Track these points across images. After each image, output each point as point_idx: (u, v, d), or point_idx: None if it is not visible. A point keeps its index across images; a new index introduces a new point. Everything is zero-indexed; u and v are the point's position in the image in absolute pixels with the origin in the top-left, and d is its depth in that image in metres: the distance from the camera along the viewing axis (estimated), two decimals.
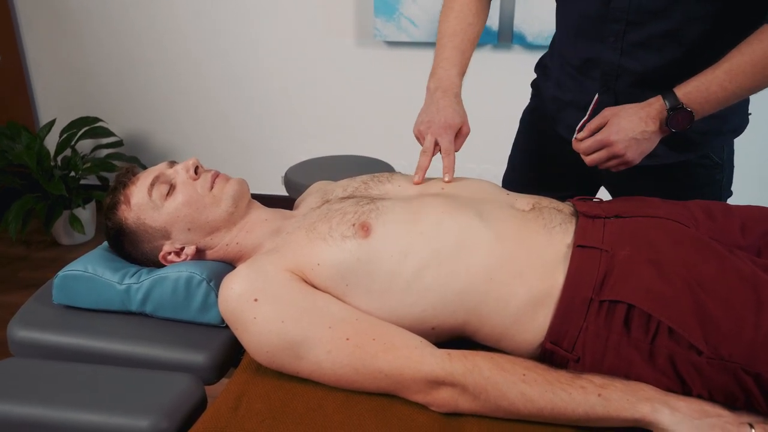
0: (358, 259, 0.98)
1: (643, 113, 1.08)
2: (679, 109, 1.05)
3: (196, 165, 1.14)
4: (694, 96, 1.05)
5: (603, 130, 1.10)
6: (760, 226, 1.05)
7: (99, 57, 2.97)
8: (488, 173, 2.72)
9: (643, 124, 1.07)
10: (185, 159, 1.14)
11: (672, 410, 0.85)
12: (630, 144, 1.08)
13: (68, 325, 1.13)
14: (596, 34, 1.18)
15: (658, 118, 1.07)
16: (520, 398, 0.87)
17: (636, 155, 1.09)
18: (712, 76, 1.04)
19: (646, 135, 1.08)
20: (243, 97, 2.94)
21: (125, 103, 3.04)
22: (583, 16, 1.20)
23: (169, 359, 1.07)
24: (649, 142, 1.09)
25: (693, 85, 1.05)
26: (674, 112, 1.05)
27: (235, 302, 0.96)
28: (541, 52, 1.43)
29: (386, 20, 2.62)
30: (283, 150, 3.00)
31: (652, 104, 1.08)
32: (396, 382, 0.92)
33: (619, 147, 1.08)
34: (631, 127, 1.07)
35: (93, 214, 2.97)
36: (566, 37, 1.28)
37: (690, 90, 1.05)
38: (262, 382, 0.98)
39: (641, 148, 1.09)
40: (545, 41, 2.47)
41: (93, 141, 3.05)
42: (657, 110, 1.07)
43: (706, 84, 1.04)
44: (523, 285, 0.95)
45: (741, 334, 0.84)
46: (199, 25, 2.83)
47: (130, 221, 1.11)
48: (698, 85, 1.05)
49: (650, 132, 1.07)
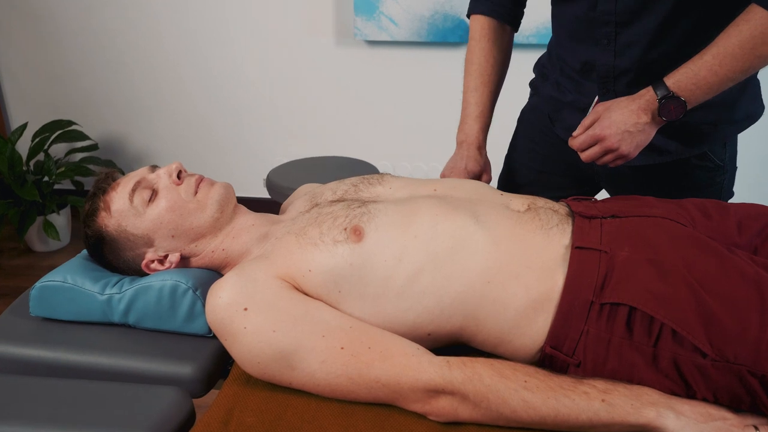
0: (350, 264, 0.95)
1: (634, 105, 1.07)
2: (670, 98, 1.04)
3: (180, 169, 1.09)
4: (684, 83, 1.03)
5: (595, 125, 1.09)
6: (756, 224, 1.04)
7: (71, 58, 2.89)
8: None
9: (634, 116, 1.06)
10: (163, 162, 1.11)
11: (677, 414, 0.83)
12: (623, 137, 1.07)
13: (47, 339, 1.08)
14: (589, 38, 1.18)
15: (650, 108, 1.06)
16: (522, 406, 0.85)
17: (631, 148, 1.08)
18: (701, 62, 1.03)
19: (639, 127, 1.07)
20: (221, 98, 2.89)
21: (100, 105, 2.97)
22: (575, 20, 1.20)
23: (155, 372, 1.02)
24: (644, 134, 1.08)
25: (682, 73, 1.04)
26: (665, 101, 1.04)
27: (224, 311, 0.93)
28: (528, 51, 1.43)
29: (366, 19, 2.59)
30: (263, 152, 2.96)
31: (643, 95, 1.07)
32: (393, 392, 0.89)
33: (612, 141, 1.07)
34: (623, 119, 1.06)
35: (68, 219, 2.90)
36: (563, 41, 1.28)
37: (679, 78, 1.04)
38: (253, 394, 0.94)
39: (636, 141, 1.08)
40: (526, 40, 2.47)
41: (67, 145, 2.98)
42: (648, 101, 1.06)
43: (695, 70, 1.03)
44: (521, 288, 0.93)
45: (746, 335, 0.83)
46: (175, 25, 2.77)
47: (111, 229, 1.07)
48: (687, 72, 1.03)
49: (643, 123, 1.06)
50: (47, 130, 2.79)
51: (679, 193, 1.17)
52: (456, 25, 2.53)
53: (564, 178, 1.38)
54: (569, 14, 1.22)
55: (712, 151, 1.23)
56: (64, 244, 2.89)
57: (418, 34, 2.58)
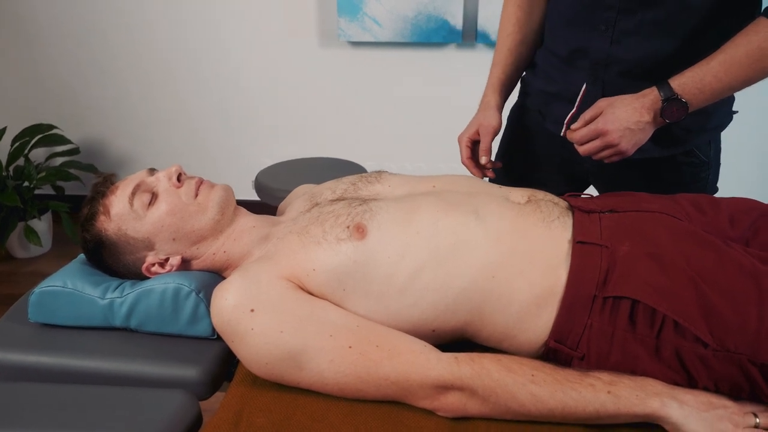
0: (354, 261, 0.96)
1: (637, 104, 1.08)
2: (673, 100, 1.05)
3: (180, 172, 1.09)
4: (689, 87, 1.05)
5: (598, 120, 1.10)
6: (747, 218, 1.06)
7: (52, 61, 2.85)
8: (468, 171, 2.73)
9: (637, 114, 1.07)
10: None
11: (680, 404, 0.85)
12: (625, 134, 1.08)
13: (47, 344, 1.07)
14: (588, 23, 1.18)
15: (653, 108, 1.07)
16: (530, 399, 0.86)
17: (630, 145, 1.09)
18: (707, 68, 1.04)
19: (640, 125, 1.08)
20: (205, 100, 2.87)
21: (81, 108, 2.93)
22: (577, 4, 1.20)
23: (160, 375, 1.02)
24: (643, 132, 1.09)
25: (688, 76, 1.05)
26: (669, 102, 1.05)
27: (231, 313, 0.93)
28: None
29: (350, 20, 2.59)
30: (247, 154, 2.94)
31: (647, 95, 1.08)
32: (402, 389, 0.90)
33: (614, 136, 1.08)
34: (626, 116, 1.07)
35: (49, 225, 2.85)
36: (555, 28, 1.28)
37: (685, 81, 1.05)
38: (261, 395, 0.94)
39: (635, 139, 1.09)
40: None
41: (47, 149, 2.93)
42: (652, 101, 1.07)
43: (701, 75, 1.04)
44: (525, 283, 0.95)
45: (745, 325, 0.85)
46: (158, 26, 2.75)
47: (111, 232, 1.06)
48: (693, 76, 1.05)
49: (644, 122, 1.08)
50: (27, 134, 2.74)
51: (666, 189, 1.19)
52: (439, 25, 2.55)
53: (557, 175, 1.39)
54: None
55: (698, 148, 1.25)
56: (45, 250, 2.84)
57: (401, 35, 2.59)
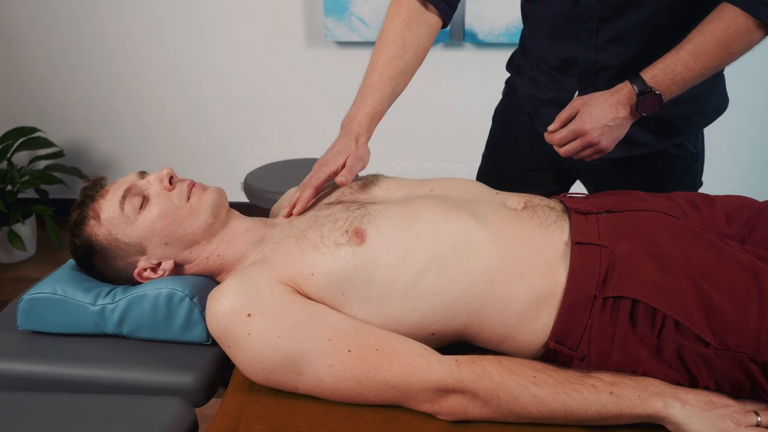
0: (354, 266, 0.94)
1: (612, 100, 1.08)
2: (647, 93, 1.06)
3: (171, 174, 1.07)
4: (660, 78, 1.05)
5: (575, 120, 1.10)
6: (742, 215, 1.07)
7: (33, 63, 2.80)
8: (460, 171, 2.72)
9: (614, 110, 1.08)
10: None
11: (682, 404, 0.85)
12: (603, 131, 1.08)
13: (38, 352, 1.04)
14: (571, 34, 1.19)
15: (628, 103, 1.08)
16: (532, 401, 0.86)
17: (609, 142, 1.10)
18: (677, 57, 1.05)
19: (617, 121, 1.08)
20: (191, 101, 2.84)
21: (64, 110, 2.88)
22: (556, 17, 1.21)
23: (154, 382, 1.00)
24: (621, 128, 1.10)
25: (659, 68, 1.06)
26: (643, 96, 1.06)
27: (227, 318, 0.91)
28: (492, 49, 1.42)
29: (337, 20, 2.57)
30: (234, 155, 2.91)
31: (621, 90, 1.08)
32: (402, 393, 0.89)
33: (593, 135, 1.08)
34: (603, 114, 1.08)
35: (33, 229, 2.81)
36: (540, 39, 1.28)
37: (656, 73, 1.06)
38: (258, 401, 0.93)
39: (614, 135, 1.09)
40: (496, 39, 2.48)
41: (30, 152, 2.88)
42: (626, 96, 1.07)
43: (672, 66, 1.05)
44: (525, 285, 0.94)
45: (746, 323, 0.85)
46: (142, 27, 2.71)
47: (101, 237, 1.04)
48: (664, 67, 1.05)
49: (621, 118, 1.08)
50: (10, 137, 2.70)
51: (658, 183, 1.20)
52: None
53: (546, 174, 1.39)
54: (548, 12, 1.22)
55: (688, 140, 1.26)
56: (30, 255, 2.80)
57: None
